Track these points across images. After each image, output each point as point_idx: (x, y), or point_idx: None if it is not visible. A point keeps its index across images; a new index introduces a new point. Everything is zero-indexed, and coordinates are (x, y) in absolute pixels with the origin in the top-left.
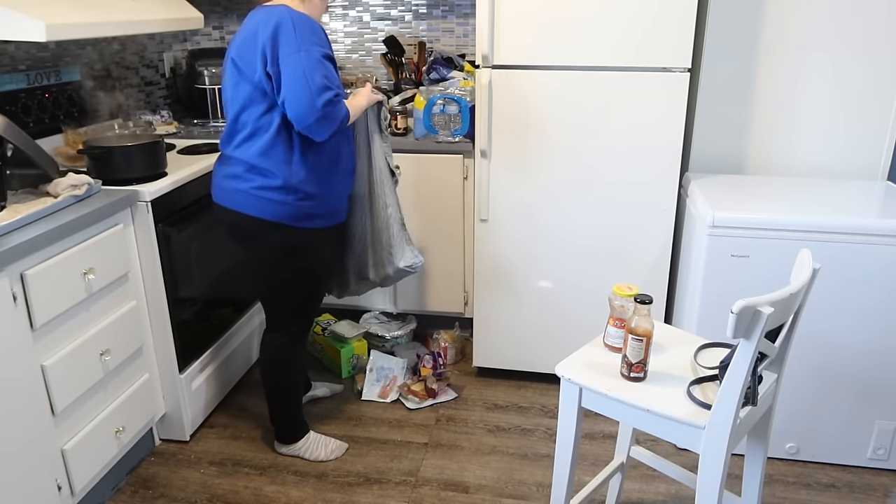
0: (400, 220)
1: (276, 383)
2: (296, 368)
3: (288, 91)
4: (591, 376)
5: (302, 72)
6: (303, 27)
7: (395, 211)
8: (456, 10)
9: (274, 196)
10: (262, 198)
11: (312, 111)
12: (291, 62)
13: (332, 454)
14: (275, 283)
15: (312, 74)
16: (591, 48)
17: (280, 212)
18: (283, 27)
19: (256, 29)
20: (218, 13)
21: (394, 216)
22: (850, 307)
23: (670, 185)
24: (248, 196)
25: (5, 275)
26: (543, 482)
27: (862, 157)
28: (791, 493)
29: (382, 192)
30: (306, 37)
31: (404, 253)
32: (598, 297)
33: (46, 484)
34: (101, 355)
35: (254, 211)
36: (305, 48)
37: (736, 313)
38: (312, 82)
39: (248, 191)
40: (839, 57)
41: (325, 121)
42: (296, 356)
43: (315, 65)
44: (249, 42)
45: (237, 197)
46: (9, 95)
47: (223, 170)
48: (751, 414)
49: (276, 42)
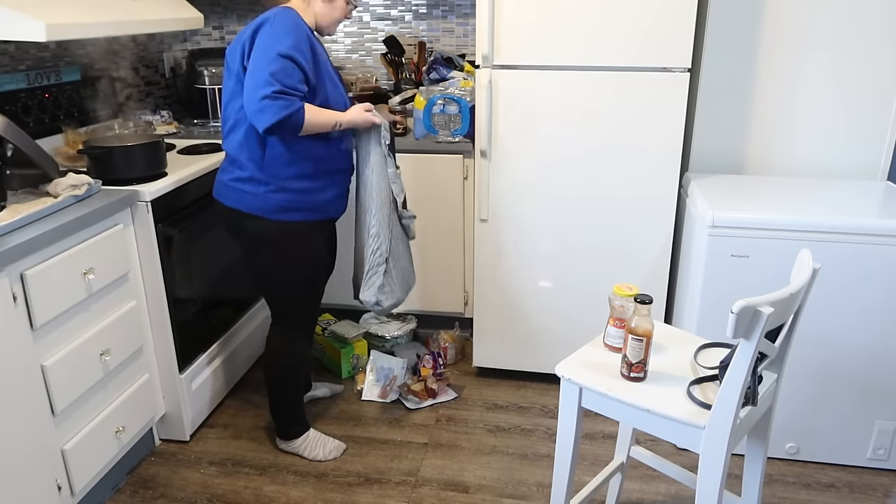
0: (385, 254)
1: (277, 377)
2: (298, 362)
3: (246, 84)
4: (591, 376)
5: (255, 66)
6: (278, 26)
7: (383, 242)
8: (456, 10)
9: (245, 187)
10: (236, 189)
11: (251, 102)
12: (255, 57)
13: (331, 454)
14: (264, 274)
15: (263, 69)
16: (591, 48)
17: (252, 203)
18: (264, 25)
19: (247, 29)
20: (218, 13)
21: (379, 247)
22: (850, 307)
23: (670, 185)
24: (227, 188)
25: (5, 275)
26: (543, 482)
27: (862, 157)
28: (791, 493)
29: (371, 218)
30: (276, 35)
31: (369, 287)
32: (598, 297)
33: (46, 484)
34: (101, 355)
35: (231, 202)
36: (269, 44)
37: (736, 313)
38: (260, 76)
39: (227, 182)
40: (839, 57)
41: (261, 114)
42: (298, 350)
43: (268, 60)
44: (239, 38)
45: (220, 188)
46: (9, 95)
47: (221, 165)
48: (751, 414)
49: (253, 38)
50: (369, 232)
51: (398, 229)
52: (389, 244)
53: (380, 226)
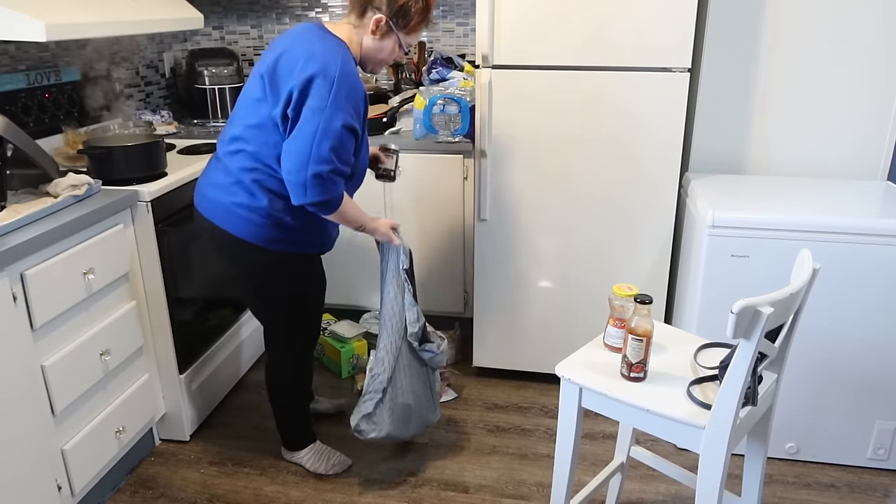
0: (384, 383)
1: (279, 397)
2: (298, 383)
3: (292, 142)
4: (591, 376)
5: (313, 133)
6: (341, 88)
7: (386, 371)
8: (456, 10)
9: (252, 217)
10: (240, 216)
11: (300, 173)
12: (310, 118)
13: (332, 469)
14: (257, 301)
15: (322, 141)
16: (591, 48)
17: (254, 232)
18: (319, 79)
19: (297, 62)
20: (218, 13)
21: (379, 374)
22: (850, 307)
23: (670, 185)
24: (228, 212)
25: (5, 275)
26: (543, 482)
27: (862, 157)
28: (791, 493)
29: (380, 340)
30: (339, 99)
31: (359, 411)
32: (598, 297)
33: (46, 484)
34: (101, 355)
35: (232, 228)
36: (331, 111)
37: (736, 313)
38: (317, 148)
39: (228, 206)
40: (839, 57)
41: (305, 189)
42: (295, 374)
43: (330, 133)
44: (286, 72)
45: (217, 210)
46: (9, 95)
47: (210, 177)
48: (751, 414)
49: (305, 92)
50: (376, 353)
51: (409, 360)
52: (392, 374)
53: (386, 351)
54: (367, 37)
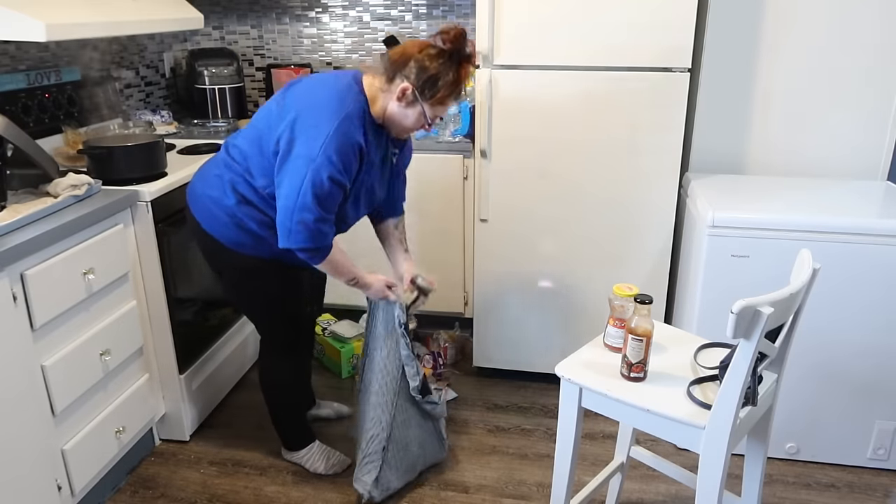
0: (384, 442)
1: (271, 398)
2: (289, 385)
3: (280, 187)
4: (591, 376)
5: (301, 182)
6: (332, 143)
7: (383, 430)
8: (456, 10)
9: (219, 214)
10: (209, 210)
11: (287, 219)
12: (300, 166)
13: (332, 469)
14: (233, 299)
15: (307, 191)
16: (592, 48)
17: (221, 231)
18: (314, 129)
19: (304, 100)
20: (218, 13)
21: (377, 435)
22: (850, 307)
23: (670, 185)
24: (201, 204)
25: (5, 275)
26: (543, 482)
27: (862, 157)
28: (791, 493)
29: (370, 400)
30: (329, 152)
31: (364, 475)
32: (598, 297)
33: (46, 484)
34: (101, 355)
35: (203, 222)
36: (320, 162)
37: (736, 313)
38: (303, 197)
39: (201, 196)
40: (839, 57)
41: (291, 234)
42: (288, 373)
43: (317, 184)
44: (292, 101)
45: (194, 199)
46: (9, 95)
47: (205, 166)
48: (751, 414)
49: (300, 134)
50: (366, 415)
51: (409, 414)
52: (390, 431)
53: (381, 410)
54: (393, 103)
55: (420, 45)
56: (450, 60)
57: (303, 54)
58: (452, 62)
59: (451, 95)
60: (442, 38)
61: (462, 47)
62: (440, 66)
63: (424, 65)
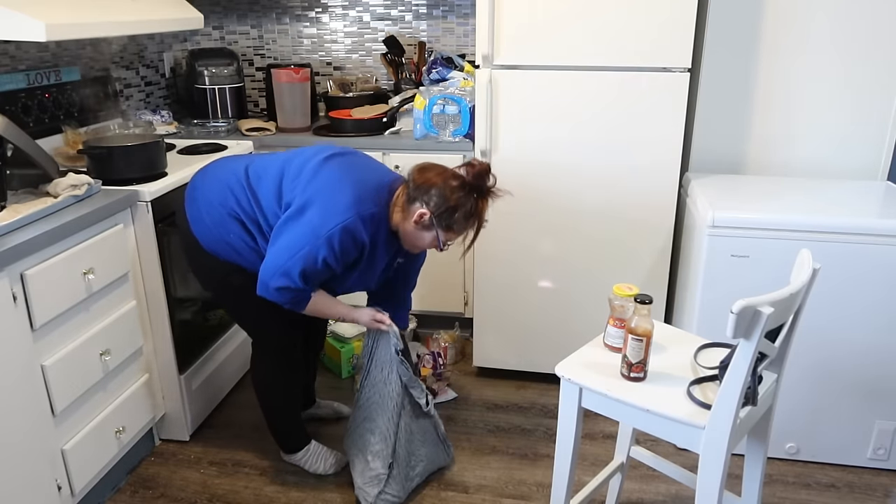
0: (388, 458)
1: (263, 401)
2: (281, 387)
3: (275, 240)
4: (591, 376)
5: (297, 250)
6: (340, 239)
7: (387, 455)
8: (456, 10)
9: (203, 217)
10: (199, 215)
11: (270, 273)
12: (302, 235)
13: (331, 468)
14: (221, 303)
15: (298, 261)
16: (591, 48)
17: (202, 232)
18: (332, 218)
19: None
20: (218, 13)
21: (378, 445)
22: (850, 307)
23: (670, 185)
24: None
25: (5, 275)
26: (543, 482)
27: (862, 157)
28: (791, 493)
29: (373, 412)
30: (333, 242)
31: (367, 493)
32: (598, 297)
33: (46, 484)
34: (101, 355)
35: (191, 219)
36: (322, 243)
37: (736, 313)
38: (292, 263)
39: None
40: (839, 57)
41: (269, 292)
42: (273, 378)
43: (310, 259)
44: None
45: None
46: (9, 95)
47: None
48: (751, 414)
49: (314, 209)
50: (369, 447)
51: (413, 430)
52: (393, 450)
53: (386, 428)
54: (410, 223)
55: (444, 175)
56: (470, 193)
57: (303, 54)
58: (472, 195)
59: (468, 227)
60: (467, 169)
61: (484, 183)
62: (460, 198)
63: (445, 195)
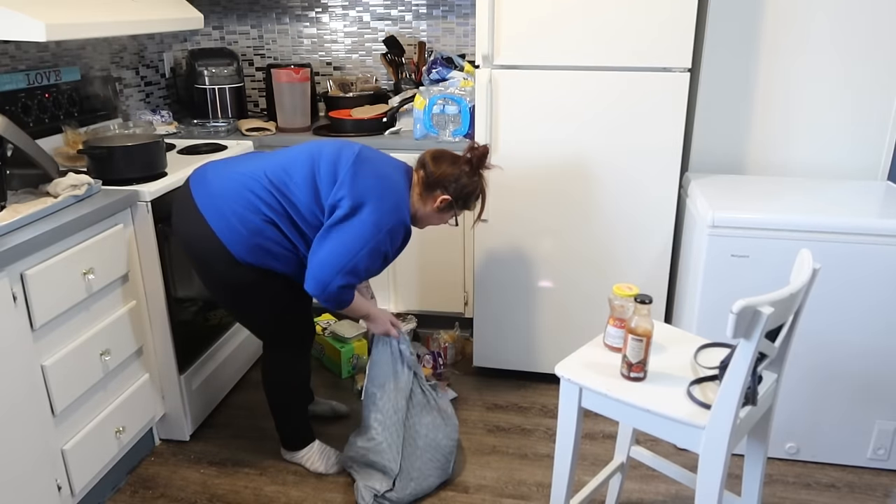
0: (391, 461)
1: (277, 398)
2: (297, 382)
3: (332, 242)
4: (591, 376)
5: (360, 247)
6: (393, 230)
7: (385, 435)
8: (456, 10)
9: (236, 227)
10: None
11: (327, 275)
12: (363, 231)
13: (332, 468)
14: (233, 309)
15: (363, 258)
16: (591, 48)
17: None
18: (376, 207)
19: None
20: (218, 13)
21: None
22: (850, 307)
23: (670, 185)
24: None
25: (5, 275)
26: (543, 482)
27: (862, 157)
28: (791, 493)
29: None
30: (395, 234)
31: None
32: (598, 296)
33: (46, 484)
34: (101, 355)
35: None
36: (385, 236)
37: (736, 313)
38: (356, 262)
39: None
40: (839, 57)
41: (326, 292)
42: (286, 375)
43: (374, 255)
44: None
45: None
46: (9, 95)
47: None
48: (751, 414)
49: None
50: (375, 449)
51: (417, 439)
52: (399, 454)
53: (390, 440)
54: (430, 209)
55: (457, 163)
56: (478, 175)
57: (303, 54)
58: (479, 176)
59: (477, 202)
60: (471, 153)
61: (485, 164)
62: (473, 182)
63: (463, 181)
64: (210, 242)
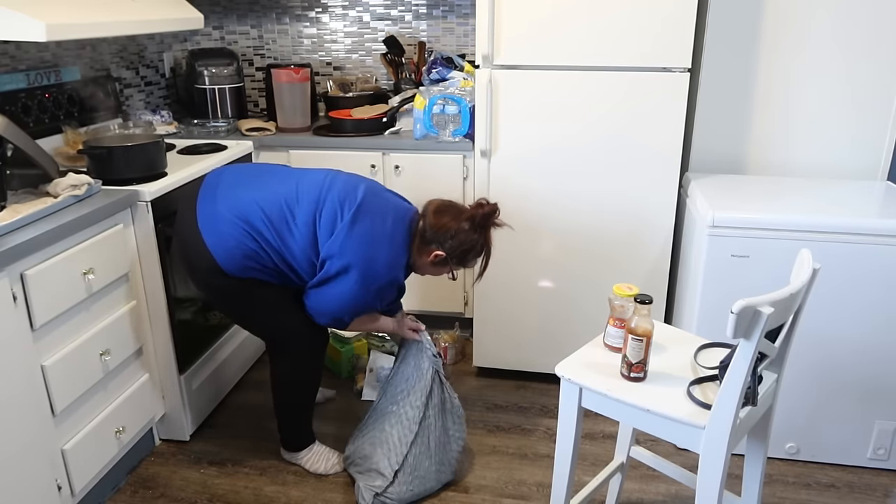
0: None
1: (285, 397)
2: (308, 383)
3: (323, 295)
4: (591, 376)
5: (349, 301)
6: (386, 288)
7: (389, 445)
8: (456, 10)
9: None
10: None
11: (315, 315)
12: (349, 289)
13: (332, 469)
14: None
15: (347, 309)
16: (592, 48)
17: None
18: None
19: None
20: (218, 13)
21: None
22: (850, 307)
23: (670, 185)
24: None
25: (5, 275)
26: (543, 482)
27: (862, 157)
28: (791, 493)
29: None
30: (378, 288)
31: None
32: (598, 297)
33: (46, 484)
34: (101, 355)
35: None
36: (373, 294)
37: (736, 313)
38: (339, 312)
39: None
40: (839, 57)
41: (325, 319)
42: (295, 375)
43: (359, 307)
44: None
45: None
46: (9, 95)
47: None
48: (751, 414)
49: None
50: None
51: (429, 442)
52: (404, 457)
53: (397, 442)
54: (424, 260)
55: (458, 219)
56: (480, 232)
57: (303, 54)
58: (481, 233)
59: (478, 260)
60: (477, 210)
61: (491, 222)
62: (472, 240)
63: (460, 238)
64: (202, 255)
